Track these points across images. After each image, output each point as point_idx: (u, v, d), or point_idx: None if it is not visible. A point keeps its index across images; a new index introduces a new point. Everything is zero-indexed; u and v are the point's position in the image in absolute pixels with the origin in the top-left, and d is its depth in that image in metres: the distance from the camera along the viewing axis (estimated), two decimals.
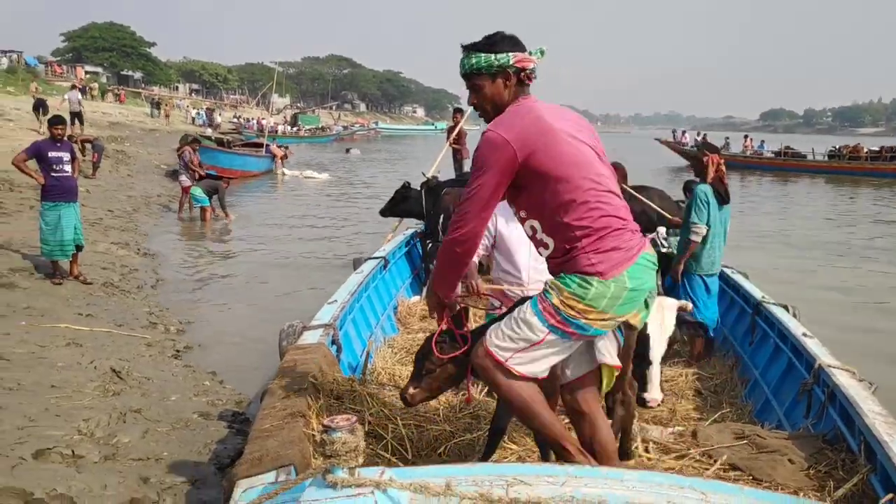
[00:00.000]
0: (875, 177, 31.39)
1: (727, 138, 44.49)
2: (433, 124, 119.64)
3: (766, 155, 38.92)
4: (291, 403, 3.20)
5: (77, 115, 25.31)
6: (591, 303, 2.65)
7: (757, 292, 5.94)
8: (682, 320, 3.52)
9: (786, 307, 5.41)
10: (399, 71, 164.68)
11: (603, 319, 2.69)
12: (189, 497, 4.02)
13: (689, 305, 3.53)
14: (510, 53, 2.79)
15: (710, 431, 3.83)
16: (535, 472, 2.35)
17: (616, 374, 2.91)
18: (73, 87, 28.92)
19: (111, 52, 76.66)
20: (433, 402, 3.73)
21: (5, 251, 9.09)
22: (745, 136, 44.40)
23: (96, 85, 53.90)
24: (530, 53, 2.86)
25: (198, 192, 15.22)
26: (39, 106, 24.38)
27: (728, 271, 6.61)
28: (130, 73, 78.26)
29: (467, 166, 9.38)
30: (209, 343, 7.31)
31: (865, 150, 34.54)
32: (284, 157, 28.37)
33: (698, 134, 45.13)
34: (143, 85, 74.90)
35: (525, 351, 2.74)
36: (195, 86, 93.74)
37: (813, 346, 4.45)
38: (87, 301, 7.73)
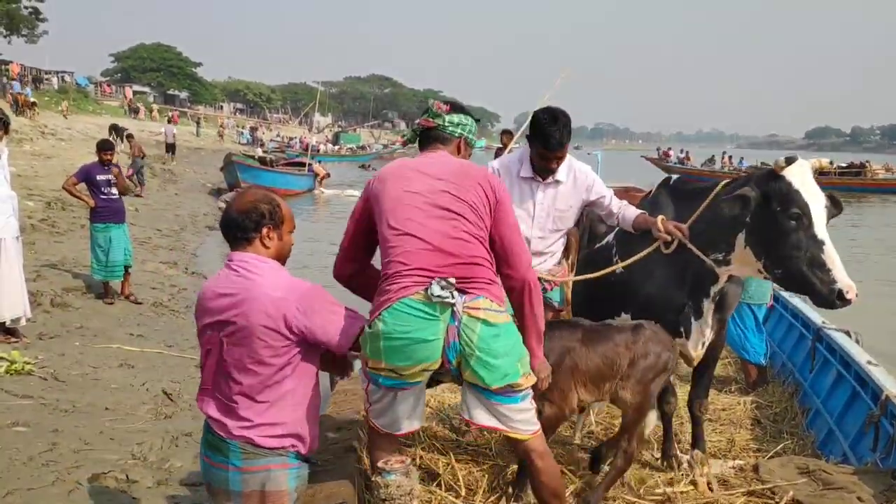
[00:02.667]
0: (842, 190, 31.78)
1: (713, 155, 45.29)
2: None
3: (744, 171, 39.21)
4: (343, 436, 3.17)
5: (171, 147, 27.86)
6: (363, 347, 2.57)
7: (817, 317, 5.77)
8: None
9: (848, 333, 5.24)
10: (439, 90, 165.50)
11: (378, 368, 2.56)
12: None
13: None
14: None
15: (773, 466, 3.70)
16: None
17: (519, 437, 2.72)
18: (170, 121, 30.61)
19: (158, 73, 78.49)
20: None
21: (59, 270, 9.29)
22: (724, 153, 45.88)
23: (155, 108, 55.59)
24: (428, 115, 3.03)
25: None
26: (114, 128, 25.67)
27: (786, 295, 6.43)
28: (177, 92, 79.97)
29: None
30: None
31: (871, 166, 35.08)
32: (326, 175, 28.66)
33: (681, 151, 45.31)
34: (188, 104, 76.43)
35: (370, 402, 2.72)
36: (239, 105, 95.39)
37: (879, 374, 4.29)
38: (137, 321, 7.84)
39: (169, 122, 31.36)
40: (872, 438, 4.04)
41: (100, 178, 8.43)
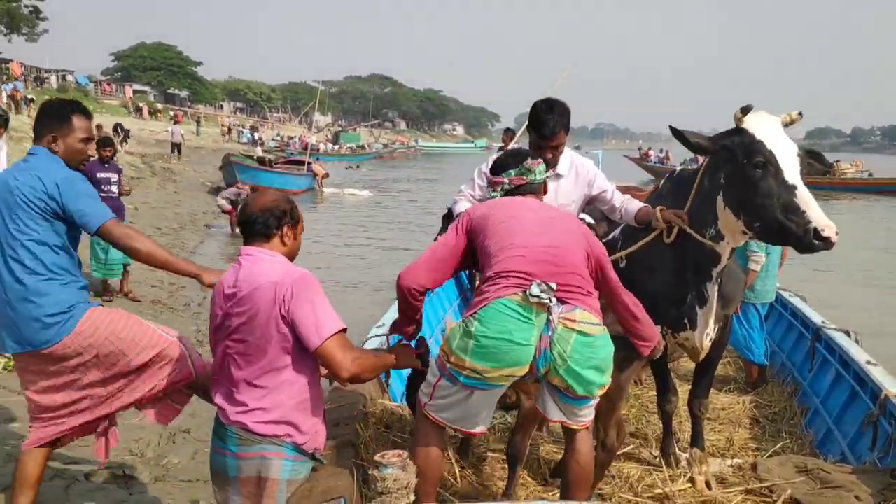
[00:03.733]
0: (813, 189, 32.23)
1: (662, 149, 46.57)
2: (472, 142, 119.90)
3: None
4: (341, 432, 3.16)
5: (177, 147, 28.70)
6: (449, 343, 2.60)
7: (816, 317, 5.76)
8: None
9: (847, 332, 5.23)
10: (439, 90, 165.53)
11: (460, 366, 2.55)
12: None
13: None
14: None
15: (771, 464, 3.69)
16: None
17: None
18: (176, 122, 31.11)
19: (159, 72, 78.47)
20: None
21: None
22: (661, 150, 47.01)
23: (159, 107, 55.90)
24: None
25: None
26: (118, 127, 25.96)
27: (785, 294, 6.42)
28: (177, 91, 79.96)
29: None
30: None
31: (839, 165, 35.81)
32: (325, 175, 28.66)
33: (661, 151, 46.13)
34: (189, 104, 76.44)
35: (433, 396, 2.69)
36: (239, 104, 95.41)
37: (878, 374, 4.29)
38: None
39: (175, 123, 32.08)
40: (871, 438, 4.03)
41: (100, 175, 8.42)
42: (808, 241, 2.89)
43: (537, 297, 2.48)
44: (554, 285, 2.53)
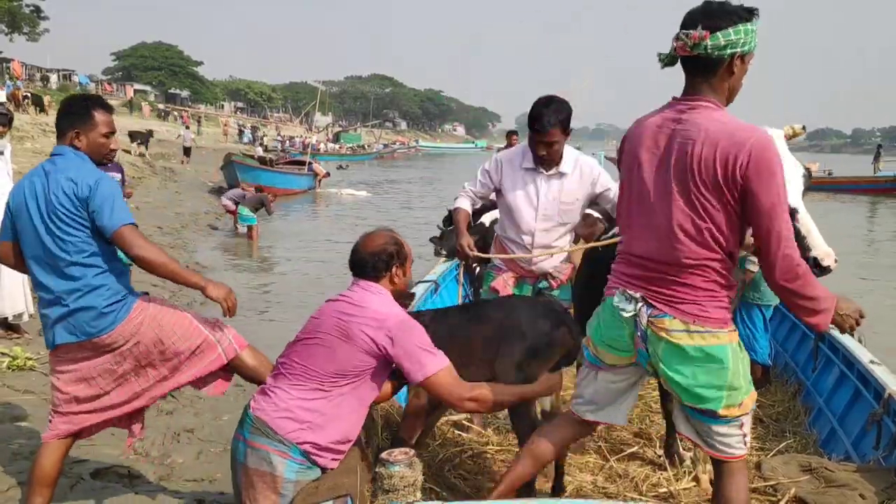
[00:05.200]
0: None
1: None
2: (473, 142, 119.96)
3: None
4: None
5: (188, 150, 29.53)
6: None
7: None
8: None
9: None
10: (440, 90, 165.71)
11: (587, 343, 2.70)
12: None
13: None
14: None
15: (775, 463, 3.70)
16: None
17: None
18: (187, 126, 31.96)
19: (160, 71, 78.61)
20: (491, 433, 3.68)
21: None
22: None
23: (161, 106, 56.21)
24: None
25: (245, 211, 15.48)
26: (137, 136, 26.42)
27: None
28: (178, 91, 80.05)
29: None
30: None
31: None
32: (326, 175, 28.72)
33: None
34: (189, 103, 76.48)
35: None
36: (240, 104, 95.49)
37: (882, 373, 4.29)
38: None
39: (187, 128, 33.08)
40: (875, 437, 4.03)
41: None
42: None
43: (618, 307, 2.50)
44: (638, 295, 2.47)
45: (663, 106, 2.50)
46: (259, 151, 32.50)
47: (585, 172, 3.83)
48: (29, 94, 33.49)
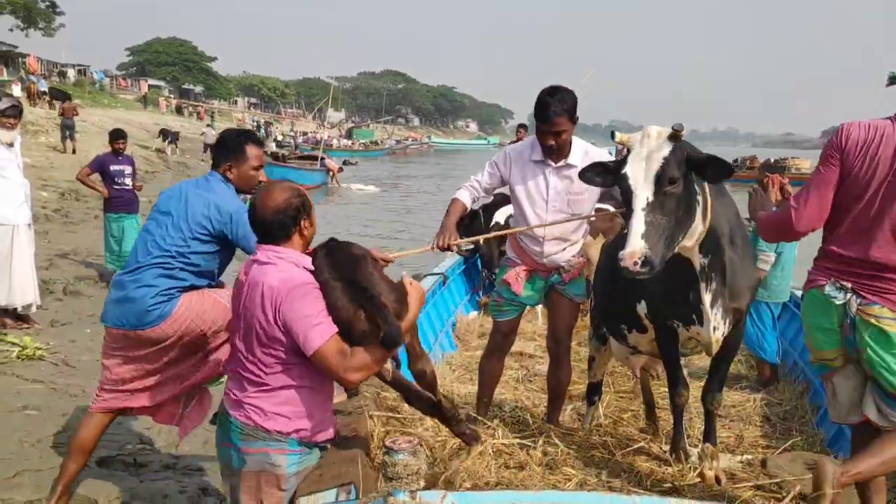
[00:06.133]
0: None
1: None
2: (486, 139, 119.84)
3: None
4: (351, 420, 3.18)
5: (210, 147, 28.07)
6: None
7: None
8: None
9: None
10: (453, 86, 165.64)
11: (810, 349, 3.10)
12: None
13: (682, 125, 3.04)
14: None
15: (781, 461, 3.67)
16: (601, 502, 2.28)
17: None
18: (208, 124, 32.85)
19: (174, 67, 78.96)
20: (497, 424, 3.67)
21: (72, 260, 9.36)
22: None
23: (174, 99, 56.68)
24: None
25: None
26: (168, 134, 27.58)
27: (799, 293, 6.36)
28: (192, 86, 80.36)
29: None
30: None
31: (758, 161, 40.04)
32: (339, 170, 28.81)
33: None
34: (203, 98, 76.75)
35: None
36: (253, 100, 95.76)
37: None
38: None
39: (208, 125, 34.14)
40: None
41: (113, 168, 8.48)
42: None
43: (828, 295, 2.81)
44: (848, 285, 2.77)
45: (890, 117, 2.78)
46: (272, 147, 32.61)
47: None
48: (47, 90, 33.70)
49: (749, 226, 5.41)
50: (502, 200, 8.97)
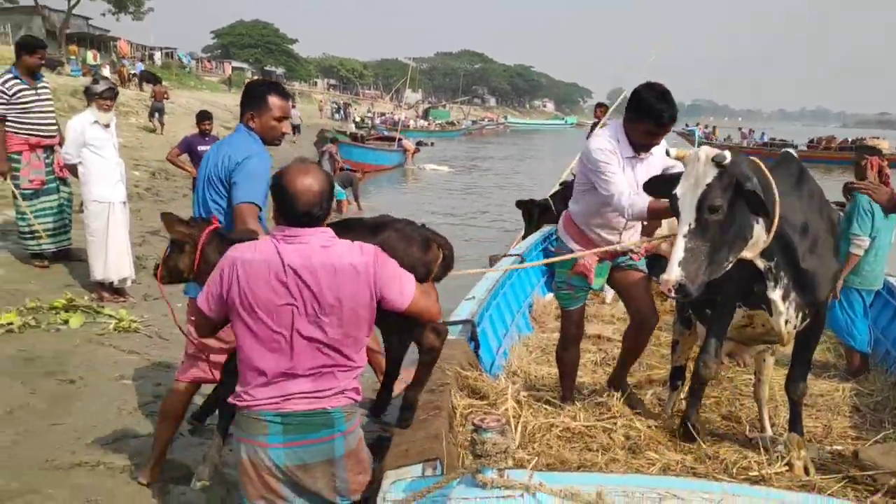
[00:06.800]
0: (843, 164, 32.04)
1: (706, 125, 48.43)
2: (563, 119, 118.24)
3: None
4: (435, 398, 3.23)
5: (296, 128, 30.63)
6: None
7: None
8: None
9: None
10: (530, 65, 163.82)
11: None
12: None
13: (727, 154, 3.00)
14: None
15: (874, 453, 3.55)
16: (690, 487, 2.25)
17: None
18: (293, 106, 34.20)
19: (256, 49, 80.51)
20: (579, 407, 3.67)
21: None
22: (740, 129, 48.71)
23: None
24: None
25: (334, 184, 15.75)
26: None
27: (892, 280, 6.10)
28: (273, 68, 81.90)
29: None
30: None
31: (836, 141, 40.00)
32: (416, 150, 28.98)
33: (706, 127, 47.41)
34: (284, 80, 78.18)
35: None
36: (332, 81, 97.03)
37: None
38: None
39: (293, 107, 34.97)
40: None
41: (200, 148, 8.76)
42: None
43: None
44: None
45: None
46: (351, 128, 33.03)
47: (659, 152, 3.86)
48: (137, 73, 34.99)
49: (847, 206, 5.20)
50: (566, 190, 8.80)
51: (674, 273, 2.88)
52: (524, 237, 9.00)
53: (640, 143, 3.76)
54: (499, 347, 5.39)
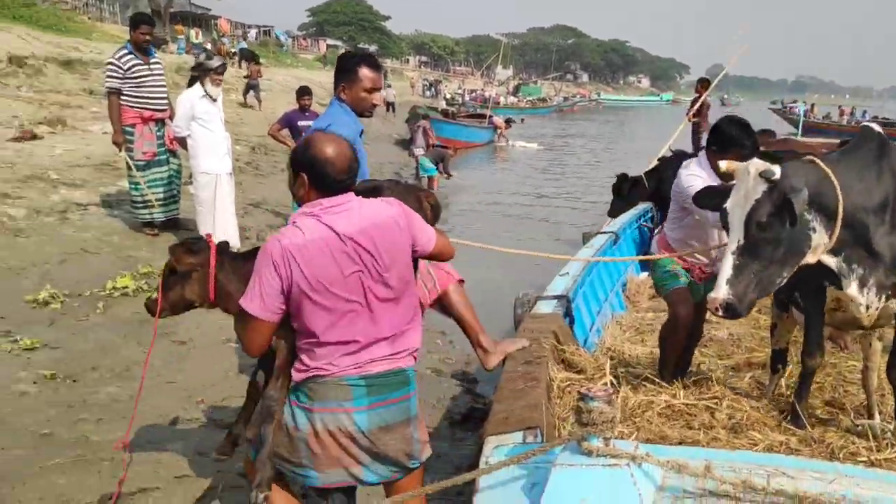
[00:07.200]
0: None
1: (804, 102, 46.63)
2: (658, 95, 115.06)
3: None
4: (532, 370, 3.25)
5: (391, 105, 31.70)
6: None
7: None
8: None
9: None
10: (625, 40, 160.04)
11: None
12: None
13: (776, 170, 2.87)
14: None
15: None
16: (800, 466, 2.20)
17: None
18: (389, 85, 34.99)
19: (350, 27, 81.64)
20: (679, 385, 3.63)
21: (262, 209, 10.08)
22: (839, 106, 46.55)
23: None
24: None
25: (426, 162, 15.91)
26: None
27: None
28: (366, 46, 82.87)
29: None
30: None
31: None
32: (507, 127, 28.85)
33: (805, 104, 46.63)
34: (376, 57, 78.94)
35: None
36: (424, 58, 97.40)
37: None
38: None
39: (388, 86, 35.69)
40: None
41: (300, 123, 9.00)
42: None
43: None
44: None
45: None
46: (442, 105, 33.15)
47: None
48: (235, 51, 36.07)
49: None
50: (662, 167, 8.52)
51: (721, 292, 2.84)
52: (610, 211, 8.79)
53: (722, 173, 3.82)
54: (592, 325, 5.36)
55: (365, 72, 3.46)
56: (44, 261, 6.31)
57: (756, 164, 2.89)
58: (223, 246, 2.81)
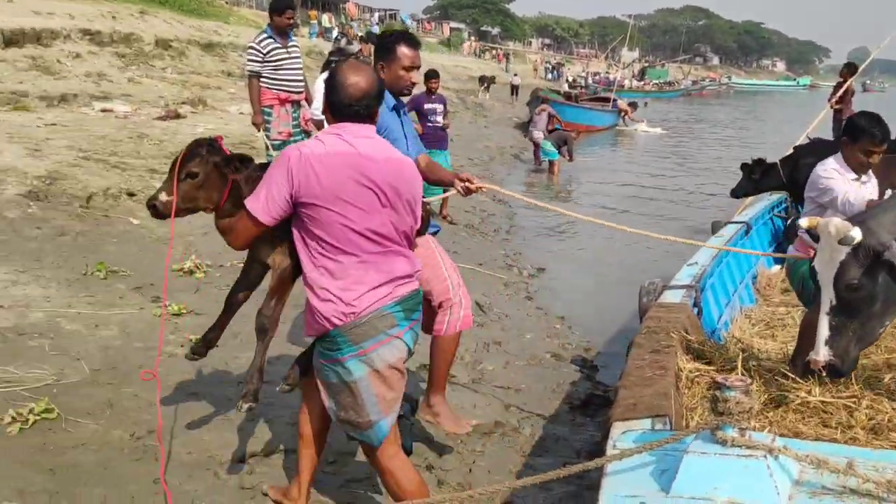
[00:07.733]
0: None
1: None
2: (795, 80, 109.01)
3: None
4: (660, 358, 3.22)
5: (515, 89, 31.92)
6: None
7: None
8: None
9: None
10: (760, 21, 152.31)
11: None
12: (545, 430, 4.28)
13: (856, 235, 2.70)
14: None
15: None
16: None
17: None
18: (515, 74, 36.23)
19: (473, 9, 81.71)
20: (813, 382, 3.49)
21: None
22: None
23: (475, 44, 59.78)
24: None
25: (547, 145, 15.78)
26: (484, 80, 30.16)
27: None
28: (489, 28, 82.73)
29: None
30: (558, 289, 7.62)
31: None
32: (633, 109, 28.18)
33: None
34: (499, 40, 78.76)
35: None
36: (547, 40, 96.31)
37: None
38: (452, 240, 8.47)
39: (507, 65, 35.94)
40: None
41: (427, 106, 9.14)
42: None
43: None
44: None
45: None
46: (564, 87, 32.75)
47: (874, 181, 4.12)
48: (360, 34, 37.00)
49: None
50: (797, 154, 7.95)
51: (821, 354, 2.77)
52: (734, 190, 8.21)
53: (857, 165, 3.99)
54: (720, 316, 5.21)
55: (404, 50, 3.42)
56: (188, 233, 6.72)
57: (836, 224, 2.78)
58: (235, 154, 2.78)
